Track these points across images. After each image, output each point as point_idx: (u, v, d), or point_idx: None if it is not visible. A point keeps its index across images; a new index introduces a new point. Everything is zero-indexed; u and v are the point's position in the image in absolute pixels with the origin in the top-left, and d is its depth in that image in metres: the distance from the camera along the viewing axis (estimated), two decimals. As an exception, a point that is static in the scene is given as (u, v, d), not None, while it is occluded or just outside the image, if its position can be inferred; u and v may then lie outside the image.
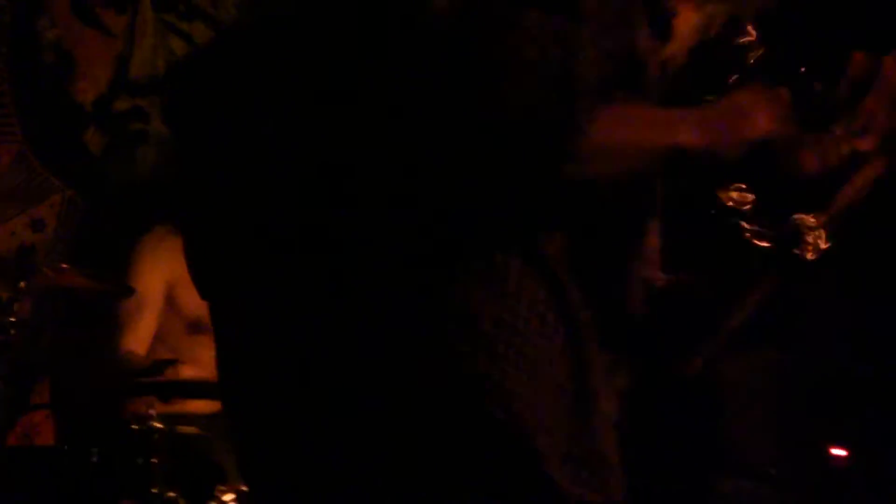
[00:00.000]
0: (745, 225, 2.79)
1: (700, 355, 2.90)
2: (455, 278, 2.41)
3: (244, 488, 4.60)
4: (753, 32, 2.96)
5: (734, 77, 2.79)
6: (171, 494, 4.68)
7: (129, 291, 5.29)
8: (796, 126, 2.57)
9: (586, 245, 2.61)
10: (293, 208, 2.57)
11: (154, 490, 4.64)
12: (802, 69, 2.71)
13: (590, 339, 2.48)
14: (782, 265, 2.83)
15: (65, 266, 5.29)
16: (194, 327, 5.23)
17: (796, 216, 2.75)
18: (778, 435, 5.46)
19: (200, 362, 5.03)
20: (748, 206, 2.84)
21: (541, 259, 2.45)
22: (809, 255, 2.70)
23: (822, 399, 5.40)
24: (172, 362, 5.12)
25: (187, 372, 5.21)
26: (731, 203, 2.94)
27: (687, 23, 2.68)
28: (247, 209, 2.68)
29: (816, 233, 2.77)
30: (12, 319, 4.82)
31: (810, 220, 2.75)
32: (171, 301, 5.38)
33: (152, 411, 4.77)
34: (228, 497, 4.74)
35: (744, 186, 2.78)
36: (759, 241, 2.76)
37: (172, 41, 6.34)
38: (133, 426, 4.76)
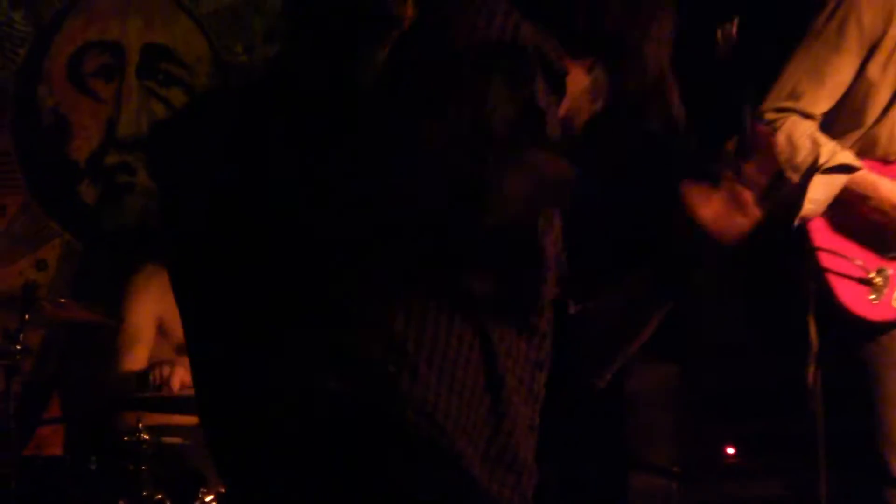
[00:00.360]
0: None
1: (608, 371, 2.95)
2: (385, 307, 2.49)
3: (223, 490, 4.74)
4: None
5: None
6: (159, 496, 4.84)
7: (120, 322, 5.44)
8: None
9: (504, 277, 2.61)
10: (254, 245, 2.64)
11: (144, 493, 4.80)
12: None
13: (503, 355, 2.52)
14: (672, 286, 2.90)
15: (63, 301, 5.49)
16: (182, 349, 5.16)
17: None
18: (678, 437, 5.72)
19: (185, 381, 5.26)
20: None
21: (461, 289, 2.50)
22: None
23: (714, 405, 5.56)
24: (161, 365, 5.27)
25: (175, 384, 5.37)
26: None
27: (577, 83, 2.73)
28: (217, 246, 2.76)
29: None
30: (18, 347, 4.88)
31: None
32: (161, 329, 5.49)
33: (141, 424, 4.88)
34: (209, 498, 4.88)
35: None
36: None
37: (154, 105, 6.52)
38: (125, 437, 4.88)
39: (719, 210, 2.69)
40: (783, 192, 3.62)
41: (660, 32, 2.84)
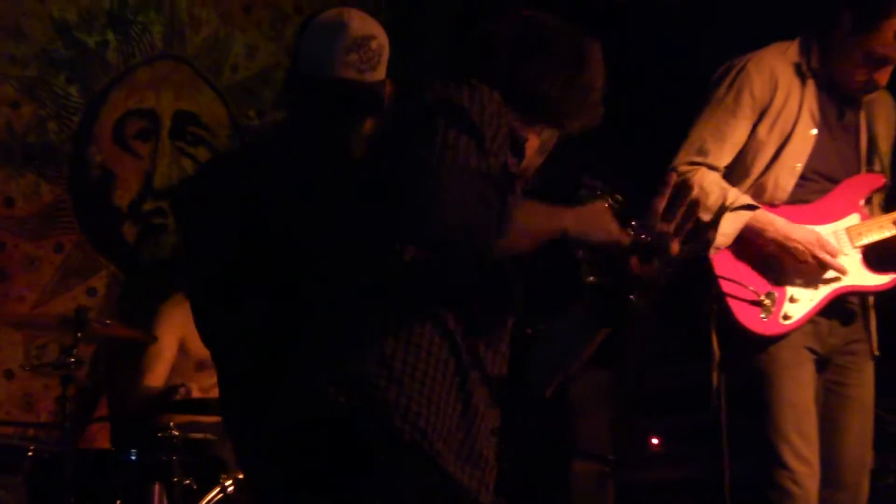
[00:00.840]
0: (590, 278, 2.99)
1: (557, 382, 3.16)
2: (377, 332, 2.70)
3: (240, 476, 4.81)
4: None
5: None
6: (188, 482, 4.90)
7: (153, 339, 5.43)
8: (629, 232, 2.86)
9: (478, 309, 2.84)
10: (265, 279, 2.96)
11: (175, 479, 4.83)
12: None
13: (472, 369, 2.75)
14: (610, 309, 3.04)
15: (109, 322, 5.50)
16: (200, 365, 5.36)
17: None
18: (612, 431, 5.74)
19: (205, 388, 5.28)
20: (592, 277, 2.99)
21: (439, 318, 2.72)
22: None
23: (641, 404, 5.68)
24: (179, 388, 5.26)
25: (196, 394, 5.36)
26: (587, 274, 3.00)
27: (531, 146, 2.94)
28: (230, 279, 3.05)
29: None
30: (72, 360, 4.89)
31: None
32: (182, 348, 5.48)
33: (172, 423, 4.95)
34: (229, 483, 4.89)
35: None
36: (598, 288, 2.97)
37: (183, 161, 6.49)
38: (159, 433, 4.92)
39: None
40: (698, 229, 3.17)
41: (593, 97, 2.99)
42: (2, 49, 6.07)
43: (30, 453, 4.80)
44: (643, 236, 2.89)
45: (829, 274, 4.38)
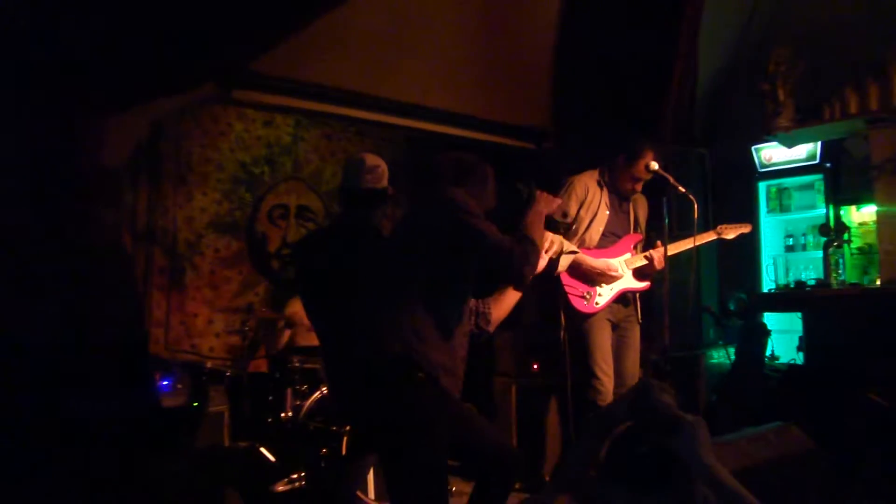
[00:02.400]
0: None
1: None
2: (399, 319, 2.61)
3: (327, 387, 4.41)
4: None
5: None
6: (304, 388, 4.60)
7: (283, 317, 5.28)
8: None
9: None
10: (334, 293, 2.84)
11: (297, 387, 4.56)
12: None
13: (457, 324, 2.71)
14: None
15: (264, 309, 5.59)
16: (308, 329, 4.89)
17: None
18: (514, 363, 5.12)
19: (311, 342, 4.95)
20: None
21: (440, 307, 2.66)
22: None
23: (528, 348, 5.03)
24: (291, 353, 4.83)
25: (301, 342, 5.20)
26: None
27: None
28: (319, 289, 2.94)
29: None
30: (247, 328, 4.94)
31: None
32: (300, 319, 5.24)
33: (295, 359, 4.64)
34: (324, 388, 4.51)
35: None
36: None
37: (301, 229, 6.43)
38: (288, 364, 4.65)
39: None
40: (551, 262, 3.40)
41: (490, 192, 2.88)
42: (213, 176, 6.08)
43: (227, 373, 4.81)
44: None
45: (616, 282, 4.36)
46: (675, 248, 4.35)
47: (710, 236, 4.44)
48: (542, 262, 3.04)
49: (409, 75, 4.99)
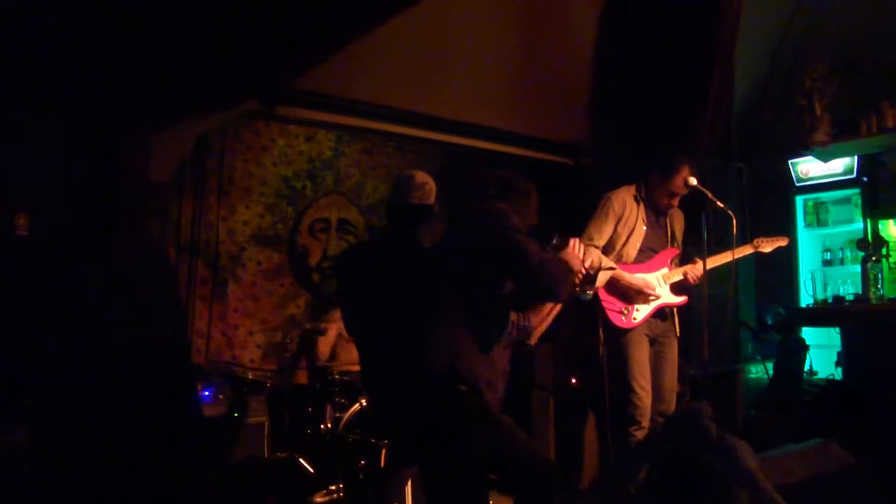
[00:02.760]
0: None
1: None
2: (443, 337, 2.62)
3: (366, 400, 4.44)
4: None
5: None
6: (343, 400, 4.59)
7: (324, 331, 5.23)
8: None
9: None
10: (379, 305, 2.84)
11: (337, 399, 4.57)
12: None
13: (497, 340, 2.77)
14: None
15: (308, 325, 5.32)
16: (349, 340, 5.04)
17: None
18: (554, 376, 5.06)
19: (351, 355, 5.02)
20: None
21: (481, 326, 2.70)
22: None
23: (567, 361, 4.99)
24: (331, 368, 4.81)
25: (344, 357, 5.18)
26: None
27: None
28: (363, 303, 2.94)
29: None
30: (288, 340, 5.06)
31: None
32: (340, 335, 5.27)
33: (335, 370, 4.68)
34: (363, 401, 4.49)
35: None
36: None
37: (342, 243, 6.43)
38: (328, 376, 4.68)
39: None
40: (588, 277, 3.38)
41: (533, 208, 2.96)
42: (256, 190, 6.04)
43: (268, 384, 4.85)
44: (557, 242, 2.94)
45: (653, 297, 4.35)
46: (712, 263, 4.34)
47: (747, 250, 4.43)
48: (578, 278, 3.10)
49: (449, 92, 5.03)
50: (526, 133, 5.53)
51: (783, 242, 4.51)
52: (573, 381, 5.02)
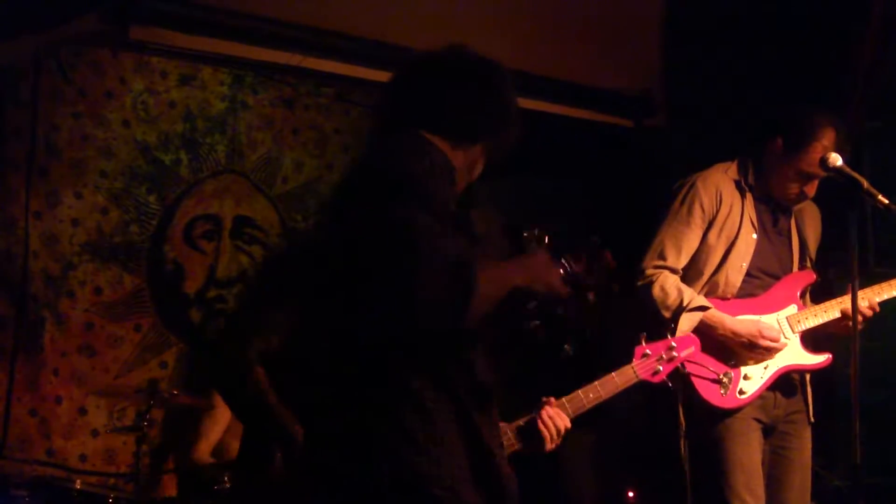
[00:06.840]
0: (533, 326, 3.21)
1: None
2: (394, 402, 2.73)
3: None
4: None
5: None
6: None
7: (211, 407, 5.47)
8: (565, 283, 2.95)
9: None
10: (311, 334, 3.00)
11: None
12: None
13: (484, 428, 2.80)
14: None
15: (175, 392, 5.48)
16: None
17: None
18: (597, 484, 5.65)
19: None
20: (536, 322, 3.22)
21: (448, 385, 2.77)
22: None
23: (620, 463, 5.49)
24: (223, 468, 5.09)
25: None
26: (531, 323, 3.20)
27: (459, 166, 2.98)
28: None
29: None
30: (145, 423, 5.08)
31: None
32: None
33: (226, 476, 4.86)
34: None
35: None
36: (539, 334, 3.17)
37: (241, 257, 6.54)
38: (214, 486, 4.88)
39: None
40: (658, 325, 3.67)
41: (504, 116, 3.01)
42: (94, 165, 6.16)
43: (110, 500, 4.86)
44: (570, 270, 3.00)
45: (771, 355, 4.39)
46: (873, 294, 4.42)
47: (936, 275, 4.55)
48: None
49: (435, 13, 5.25)
50: (561, 78, 5.65)
51: None
52: (630, 495, 5.38)
